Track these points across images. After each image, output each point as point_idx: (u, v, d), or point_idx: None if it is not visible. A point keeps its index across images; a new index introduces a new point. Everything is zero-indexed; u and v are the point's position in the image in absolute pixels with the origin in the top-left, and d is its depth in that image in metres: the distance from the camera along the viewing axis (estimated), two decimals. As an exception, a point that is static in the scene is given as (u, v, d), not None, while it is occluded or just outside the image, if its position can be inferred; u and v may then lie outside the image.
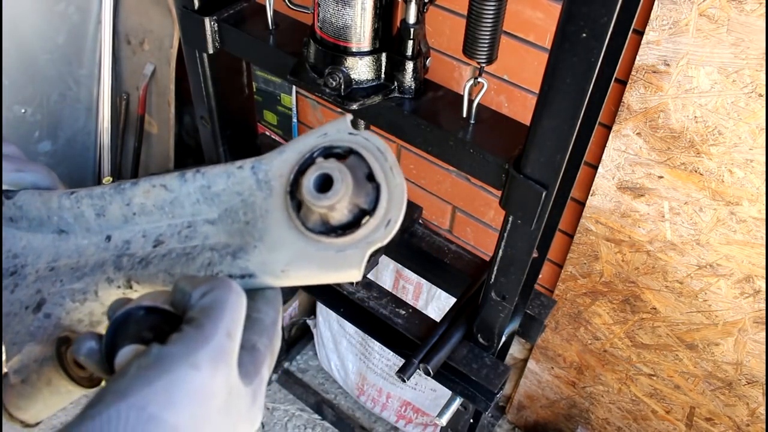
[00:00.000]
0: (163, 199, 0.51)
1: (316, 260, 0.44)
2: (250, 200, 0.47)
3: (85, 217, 0.55)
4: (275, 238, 0.46)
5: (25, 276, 0.54)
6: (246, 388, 0.39)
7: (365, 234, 0.43)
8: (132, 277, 0.50)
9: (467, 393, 0.98)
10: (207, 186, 0.49)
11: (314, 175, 0.42)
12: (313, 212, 0.44)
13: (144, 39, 1.96)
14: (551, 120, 0.64)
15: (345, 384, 2.03)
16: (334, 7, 0.73)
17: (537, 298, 1.07)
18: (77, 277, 0.53)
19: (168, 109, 1.99)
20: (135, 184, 0.52)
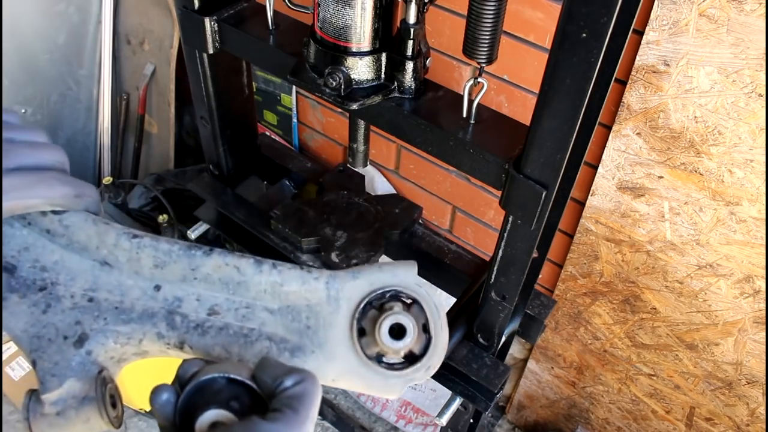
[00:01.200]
0: (231, 277, 0.54)
1: (364, 380, 0.53)
2: (316, 309, 0.54)
3: (140, 263, 0.54)
4: (334, 350, 0.53)
5: (59, 298, 0.53)
6: None
7: (410, 373, 0.53)
8: (186, 341, 0.53)
9: (467, 393, 0.98)
10: (280, 283, 0.54)
11: (392, 323, 0.51)
12: (376, 345, 0.53)
13: (144, 39, 1.96)
14: (551, 120, 0.64)
15: (345, 384, 2.03)
16: (334, 7, 0.73)
17: (537, 298, 1.07)
18: (123, 320, 0.53)
19: (168, 109, 1.99)
20: (208, 255, 0.54)
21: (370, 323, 0.53)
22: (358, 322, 0.53)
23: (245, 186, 1.28)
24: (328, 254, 1.08)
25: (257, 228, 1.15)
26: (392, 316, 0.51)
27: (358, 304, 0.53)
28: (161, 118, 2.05)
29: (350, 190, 1.23)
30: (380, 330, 0.51)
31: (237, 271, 0.54)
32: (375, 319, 0.52)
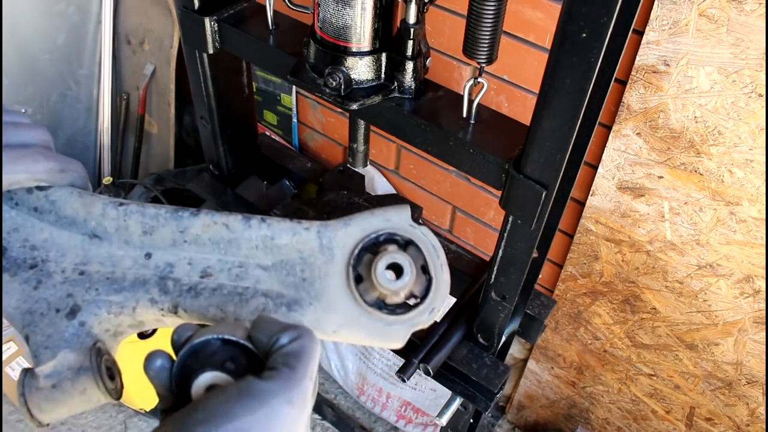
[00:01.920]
0: (221, 236, 0.53)
1: (366, 328, 0.51)
2: (310, 260, 0.52)
3: (128, 231, 0.54)
4: (332, 300, 0.52)
5: (50, 274, 0.53)
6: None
7: (413, 316, 0.51)
8: (179, 304, 0.52)
9: (467, 393, 0.98)
10: (270, 237, 0.53)
11: (387, 262, 0.49)
12: (374, 290, 0.51)
13: (144, 39, 1.96)
14: (551, 120, 0.64)
15: (345, 384, 2.03)
16: (334, 7, 0.73)
17: (537, 298, 1.07)
18: (115, 289, 0.53)
19: (168, 109, 1.99)
20: (195, 215, 0.53)
21: (366, 268, 0.51)
22: (354, 268, 0.51)
23: (245, 186, 1.28)
24: (328, 254, 1.08)
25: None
26: (387, 255, 0.50)
27: (352, 250, 0.52)
28: (161, 118, 2.05)
29: (350, 190, 1.23)
30: (376, 270, 0.49)
31: (226, 229, 0.53)
32: (371, 263, 0.50)
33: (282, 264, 0.53)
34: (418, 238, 0.51)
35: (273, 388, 0.40)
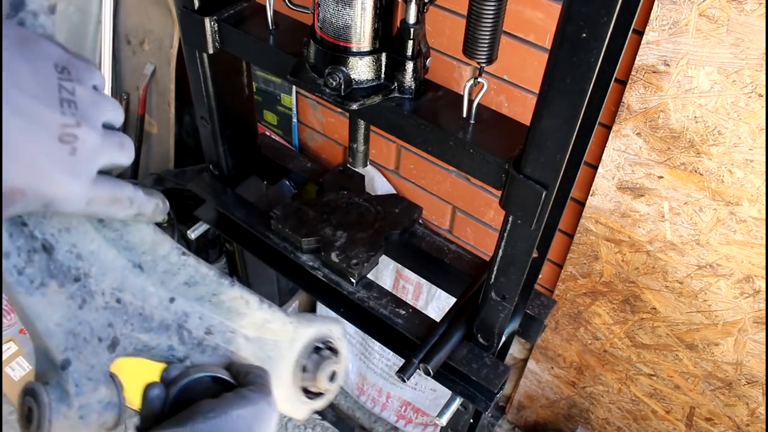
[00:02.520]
0: (237, 308, 0.61)
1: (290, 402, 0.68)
2: (279, 344, 0.65)
3: (173, 277, 0.56)
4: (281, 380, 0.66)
5: (92, 294, 0.51)
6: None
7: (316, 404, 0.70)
8: (190, 357, 0.59)
9: (467, 393, 0.98)
10: (268, 321, 0.64)
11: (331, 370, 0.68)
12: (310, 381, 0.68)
13: (144, 39, 1.96)
14: (551, 120, 0.64)
15: (345, 384, 2.03)
16: (334, 7, 0.73)
17: (537, 298, 1.07)
18: (145, 328, 0.55)
19: (168, 109, 1.99)
20: (232, 285, 0.61)
21: (312, 364, 0.68)
22: (304, 361, 0.67)
23: (245, 186, 1.28)
24: (328, 254, 1.08)
25: (257, 228, 1.15)
26: (332, 365, 0.69)
27: (306, 346, 0.67)
28: (161, 118, 2.05)
29: (350, 190, 1.23)
30: (323, 374, 0.67)
31: (246, 305, 0.61)
32: (316, 362, 0.68)
33: (260, 341, 0.64)
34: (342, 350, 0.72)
35: (256, 394, 0.55)
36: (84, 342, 0.50)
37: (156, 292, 0.55)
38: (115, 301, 0.53)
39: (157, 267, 0.55)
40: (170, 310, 0.56)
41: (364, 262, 1.07)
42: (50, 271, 0.48)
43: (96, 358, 0.51)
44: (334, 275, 1.10)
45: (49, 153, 0.39)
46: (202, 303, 0.59)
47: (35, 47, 0.40)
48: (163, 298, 0.56)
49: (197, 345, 0.59)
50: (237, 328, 0.62)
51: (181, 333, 0.57)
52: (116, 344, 0.53)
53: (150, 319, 0.55)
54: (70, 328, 0.50)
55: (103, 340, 0.52)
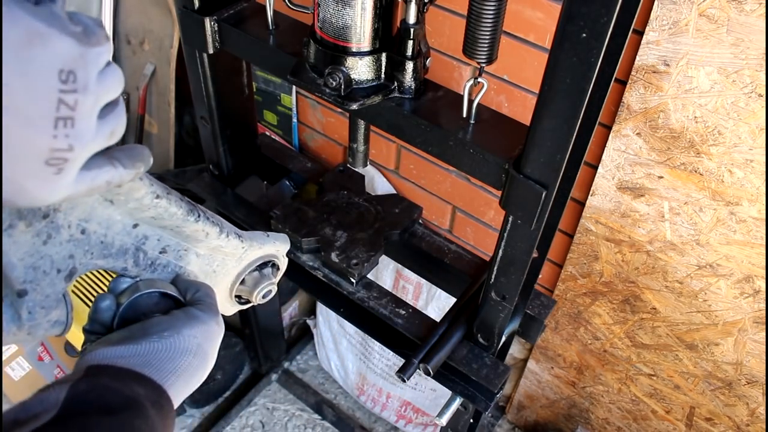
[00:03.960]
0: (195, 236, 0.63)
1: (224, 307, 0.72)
2: (226, 260, 0.68)
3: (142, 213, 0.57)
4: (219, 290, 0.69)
5: (59, 228, 0.52)
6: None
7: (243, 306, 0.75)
8: (140, 275, 0.61)
9: (467, 393, 0.98)
10: (222, 246, 0.66)
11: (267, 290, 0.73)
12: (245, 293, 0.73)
13: (144, 39, 1.96)
14: (551, 120, 0.64)
15: (345, 384, 2.03)
16: (334, 7, 0.73)
17: (537, 298, 1.07)
18: (104, 254, 0.57)
19: (168, 109, 1.99)
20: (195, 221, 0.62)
21: (251, 280, 0.72)
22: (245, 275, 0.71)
23: (245, 186, 1.28)
24: (328, 254, 1.08)
25: (257, 228, 1.15)
26: (269, 285, 0.73)
27: (251, 263, 0.71)
28: (161, 118, 2.05)
29: (350, 190, 1.23)
30: (260, 293, 0.72)
31: (205, 236, 0.63)
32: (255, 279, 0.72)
33: (209, 256, 0.66)
34: (282, 267, 0.76)
35: (206, 314, 0.59)
36: (43, 274, 0.52)
37: (122, 219, 0.57)
38: (80, 232, 0.54)
39: (129, 204, 0.56)
40: (131, 234, 0.58)
41: (364, 262, 1.07)
42: (20, 213, 0.49)
43: (51, 288, 0.53)
44: (334, 275, 1.10)
45: (33, 175, 0.38)
46: (164, 230, 0.61)
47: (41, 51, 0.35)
48: (127, 225, 0.58)
49: (149, 265, 0.61)
50: (191, 246, 0.64)
51: (137, 255, 0.60)
52: (74, 273, 0.55)
53: (110, 246, 0.57)
54: (32, 262, 0.51)
55: (61, 271, 0.54)
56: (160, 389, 0.51)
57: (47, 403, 0.45)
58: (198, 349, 0.55)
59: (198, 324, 0.57)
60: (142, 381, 0.50)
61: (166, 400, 0.51)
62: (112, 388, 0.48)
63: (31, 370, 1.89)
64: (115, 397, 0.47)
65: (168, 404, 0.52)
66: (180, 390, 0.54)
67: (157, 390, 0.51)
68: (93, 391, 0.47)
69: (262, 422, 1.98)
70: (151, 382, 0.51)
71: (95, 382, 0.48)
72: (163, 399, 0.51)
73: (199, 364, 0.56)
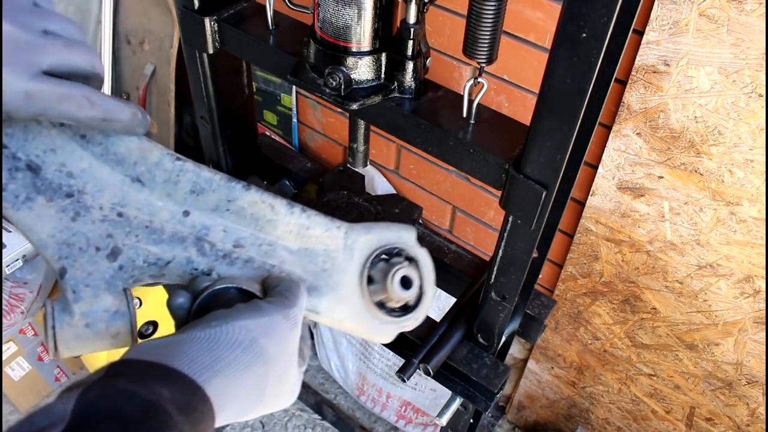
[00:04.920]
0: (263, 214, 0.57)
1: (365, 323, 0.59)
2: (333, 254, 0.58)
3: (176, 186, 0.54)
4: (345, 294, 0.58)
5: (88, 208, 0.51)
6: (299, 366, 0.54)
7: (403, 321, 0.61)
8: (215, 269, 0.55)
9: (467, 393, 0.98)
10: (306, 227, 0.58)
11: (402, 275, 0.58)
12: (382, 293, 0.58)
13: (144, 39, 1.96)
14: (551, 120, 0.64)
15: (345, 384, 2.03)
16: (334, 7, 0.73)
17: (537, 298, 1.07)
18: (154, 240, 0.53)
19: (168, 109, 1.99)
20: (247, 189, 0.56)
21: (379, 273, 0.58)
22: (369, 270, 0.59)
23: (245, 186, 1.28)
24: (328, 254, 1.08)
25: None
26: (403, 269, 0.58)
27: (369, 254, 0.59)
28: (161, 118, 2.05)
29: (350, 190, 1.23)
30: (393, 280, 0.57)
31: (271, 210, 0.56)
32: (383, 270, 0.58)
33: (306, 252, 0.57)
34: (421, 257, 0.61)
35: (272, 306, 0.51)
36: (80, 251, 0.51)
37: (165, 206, 0.54)
38: (116, 215, 0.52)
39: (156, 178, 0.53)
40: (186, 223, 0.54)
41: (364, 262, 1.07)
42: (36, 188, 0.49)
43: (93, 266, 0.51)
44: (334, 275, 1.10)
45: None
46: (221, 213, 0.55)
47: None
48: (175, 212, 0.54)
49: (223, 257, 0.55)
50: (273, 239, 0.56)
51: (201, 245, 0.55)
52: (117, 253, 0.52)
53: (160, 232, 0.53)
54: (64, 239, 0.50)
55: (101, 249, 0.51)
56: (192, 386, 0.43)
57: (53, 415, 0.38)
58: (251, 344, 0.47)
59: (258, 315, 0.49)
60: (170, 378, 0.42)
61: (200, 400, 0.43)
62: (129, 391, 0.40)
63: (31, 370, 1.89)
64: (130, 403, 0.39)
65: (203, 405, 0.43)
66: (223, 390, 0.44)
67: (189, 388, 0.43)
68: (105, 399, 0.39)
69: (262, 422, 1.98)
70: (181, 378, 0.42)
71: (110, 385, 0.40)
72: (197, 399, 0.42)
73: (251, 361, 0.46)
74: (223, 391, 0.44)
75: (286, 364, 0.50)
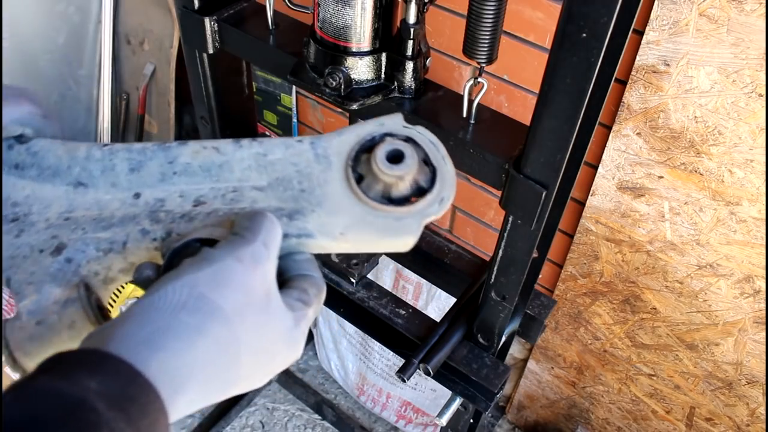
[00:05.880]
0: (212, 161, 0.51)
1: (375, 226, 0.48)
2: (306, 171, 0.50)
3: (114, 171, 0.52)
4: (335, 204, 0.49)
5: (33, 223, 0.50)
6: (288, 311, 0.44)
7: (422, 207, 0.48)
8: (173, 230, 0.49)
9: (467, 393, 0.98)
10: (263, 154, 0.51)
11: (387, 149, 0.47)
12: (378, 183, 0.49)
13: (144, 39, 1.96)
14: (551, 120, 0.64)
15: (345, 384, 2.03)
16: (334, 7, 0.73)
17: (537, 298, 1.07)
18: (103, 227, 0.50)
19: (168, 109, 1.99)
20: (183, 144, 0.51)
21: (366, 166, 0.48)
22: (354, 169, 0.49)
23: (245, 186, 1.28)
24: (328, 254, 1.08)
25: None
26: (386, 144, 0.48)
27: (348, 153, 0.50)
28: (161, 118, 2.05)
29: (350, 190, 1.23)
30: (376, 158, 0.47)
31: (216, 152, 0.51)
32: (369, 160, 0.48)
33: (278, 182, 0.50)
34: (415, 135, 0.50)
35: (221, 251, 0.42)
36: (23, 259, 0.49)
37: (114, 197, 0.51)
38: (63, 219, 0.51)
39: (93, 173, 0.51)
40: (138, 204, 0.51)
41: (364, 262, 1.07)
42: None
43: (36, 266, 0.48)
44: (334, 275, 1.10)
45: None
46: (170, 180, 0.51)
47: None
48: (125, 198, 0.51)
49: (180, 217, 0.50)
50: (236, 184, 0.50)
51: (155, 216, 0.50)
52: (62, 248, 0.49)
53: (109, 219, 0.51)
54: (8, 255, 0.49)
55: (45, 250, 0.49)
56: (128, 372, 0.35)
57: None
58: (198, 302, 0.39)
59: (203, 266, 0.41)
60: (101, 365, 0.35)
61: (140, 389, 0.35)
62: (46, 390, 0.33)
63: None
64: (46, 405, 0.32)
65: (144, 395, 0.35)
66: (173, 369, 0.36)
67: (124, 374, 0.35)
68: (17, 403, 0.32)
69: (262, 422, 1.98)
70: (114, 364, 0.35)
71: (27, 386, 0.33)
72: (135, 388, 0.35)
73: (201, 324, 0.38)
74: (172, 370, 0.36)
75: (261, 316, 0.42)
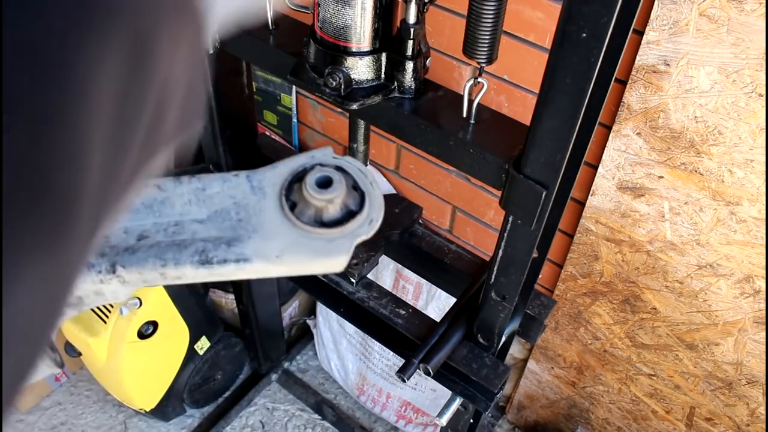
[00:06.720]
0: (153, 198, 0.53)
1: (309, 248, 0.51)
2: (243, 202, 0.53)
3: None
4: (270, 230, 0.52)
5: None
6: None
7: (353, 228, 0.52)
8: (117, 262, 0.50)
9: (467, 393, 0.98)
10: (202, 188, 0.54)
11: (317, 176, 0.51)
12: (309, 208, 0.52)
13: (144, 39, 1.96)
14: (551, 120, 0.64)
15: (345, 384, 2.03)
16: (334, 7, 0.73)
17: (537, 298, 1.07)
18: None
19: (168, 109, 1.98)
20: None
21: (298, 194, 0.52)
22: (287, 198, 0.52)
23: (245, 186, 1.28)
24: (328, 254, 1.08)
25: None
26: (316, 171, 0.52)
27: (282, 184, 0.53)
28: (161, 118, 2.05)
29: (350, 190, 1.23)
30: (307, 185, 0.50)
31: (158, 189, 0.53)
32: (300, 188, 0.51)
33: (217, 214, 0.53)
34: (343, 164, 0.54)
35: None
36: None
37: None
38: None
39: None
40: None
41: (364, 262, 1.07)
42: None
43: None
44: (334, 275, 1.10)
45: None
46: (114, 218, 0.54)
47: None
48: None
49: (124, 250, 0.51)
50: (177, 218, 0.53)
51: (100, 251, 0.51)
52: None
53: None
54: None
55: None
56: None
57: None
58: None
59: None
60: None
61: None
62: None
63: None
64: None
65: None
66: None
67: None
68: None
69: (262, 422, 1.98)
70: None
71: None
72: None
73: None
74: None
75: None
